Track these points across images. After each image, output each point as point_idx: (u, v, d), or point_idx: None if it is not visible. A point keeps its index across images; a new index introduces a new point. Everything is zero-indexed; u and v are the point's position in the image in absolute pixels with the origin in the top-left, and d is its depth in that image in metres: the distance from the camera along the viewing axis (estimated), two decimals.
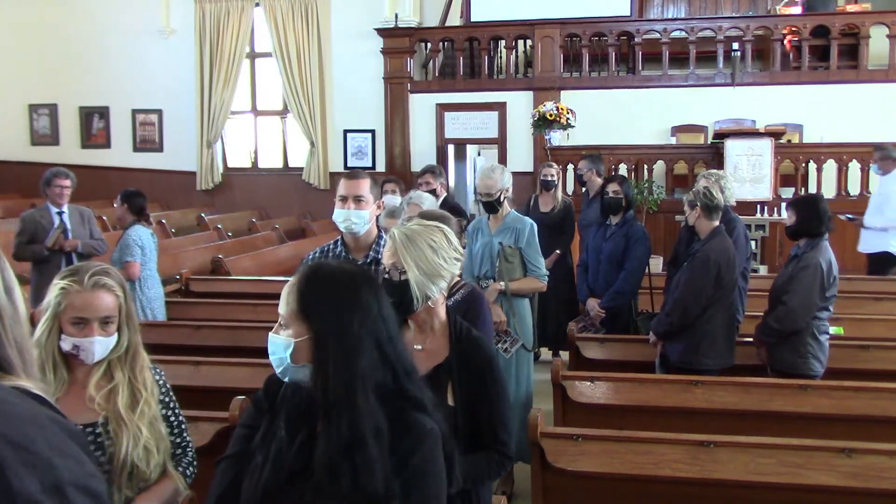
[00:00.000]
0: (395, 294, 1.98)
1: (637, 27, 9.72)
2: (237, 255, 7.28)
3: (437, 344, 2.09)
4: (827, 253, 3.87)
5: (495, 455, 2.02)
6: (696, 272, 3.93)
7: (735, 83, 9.23)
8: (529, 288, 3.98)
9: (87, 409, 1.95)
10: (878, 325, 4.68)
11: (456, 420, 1.97)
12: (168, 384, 2.17)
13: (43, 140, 11.63)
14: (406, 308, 2.03)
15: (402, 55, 10.21)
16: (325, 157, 10.69)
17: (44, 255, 5.17)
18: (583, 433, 2.86)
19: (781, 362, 3.87)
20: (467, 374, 2.01)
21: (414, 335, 2.12)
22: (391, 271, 2.05)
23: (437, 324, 2.10)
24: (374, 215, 2.94)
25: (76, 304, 1.92)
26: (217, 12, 10.78)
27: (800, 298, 3.77)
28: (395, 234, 2.06)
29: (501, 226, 4.00)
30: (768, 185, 7.88)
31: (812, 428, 3.16)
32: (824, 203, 3.97)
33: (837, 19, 9.24)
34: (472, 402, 1.99)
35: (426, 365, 2.03)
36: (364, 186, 2.88)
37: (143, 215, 5.27)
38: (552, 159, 8.77)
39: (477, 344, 2.07)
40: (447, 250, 2.09)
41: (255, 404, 1.63)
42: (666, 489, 2.72)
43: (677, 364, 3.97)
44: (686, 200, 4.16)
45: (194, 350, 4.23)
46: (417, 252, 2.03)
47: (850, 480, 2.59)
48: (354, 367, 1.42)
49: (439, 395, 1.98)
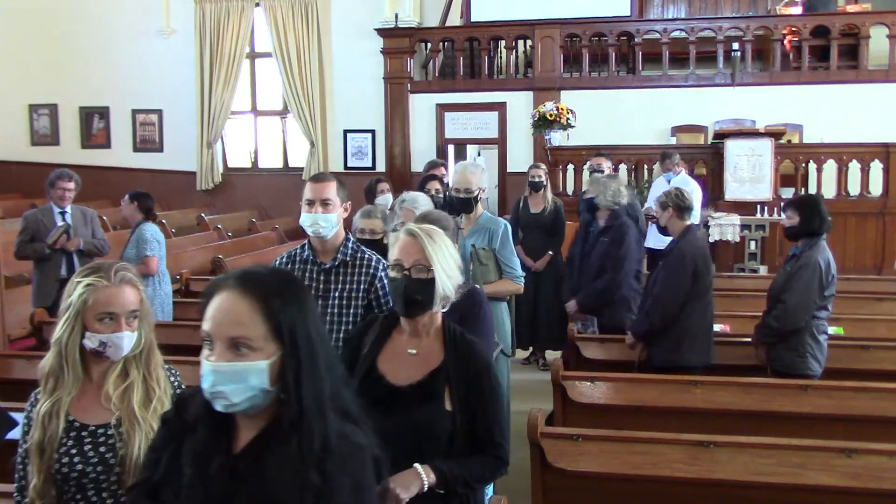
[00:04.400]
0: (419, 292, 1.98)
1: (637, 27, 9.72)
2: (237, 255, 7.29)
3: (432, 348, 2.06)
4: (825, 252, 3.90)
5: (491, 458, 2.00)
6: (673, 270, 3.96)
7: (735, 83, 9.22)
8: (505, 290, 3.84)
9: (102, 410, 1.94)
10: (879, 325, 4.68)
11: (454, 424, 1.96)
12: (183, 385, 2.13)
13: (43, 140, 11.63)
14: (423, 307, 2.02)
15: (402, 55, 10.20)
16: (325, 157, 10.68)
17: (45, 253, 5.18)
18: (583, 433, 2.86)
19: (780, 362, 3.87)
20: (464, 379, 1.98)
21: (407, 338, 2.08)
22: (412, 269, 2.01)
23: (433, 328, 2.08)
24: (342, 218, 2.89)
25: (105, 299, 1.90)
26: (217, 12, 10.78)
27: (799, 297, 3.77)
28: (418, 232, 2.03)
29: (474, 227, 3.90)
30: (768, 186, 7.88)
31: (812, 428, 3.16)
32: (823, 203, 4.02)
33: (837, 19, 9.23)
34: (469, 406, 1.97)
35: (420, 370, 2.01)
36: (330, 189, 2.83)
37: (151, 215, 5.34)
38: (552, 159, 8.79)
39: (472, 348, 2.05)
40: (457, 256, 2.09)
41: (166, 424, 1.50)
42: (666, 489, 2.72)
43: (662, 365, 3.97)
44: (658, 202, 4.19)
45: (194, 350, 4.21)
46: (440, 251, 2.02)
47: (850, 480, 2.59)
48: (321, 375, 1.34)
49: (436, 400, 1.97)
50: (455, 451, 1.96)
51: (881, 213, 8.16)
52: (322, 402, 1.33)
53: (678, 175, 6.89)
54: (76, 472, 1.88)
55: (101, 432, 1.92)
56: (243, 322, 1.30)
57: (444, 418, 1.96)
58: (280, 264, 2.91)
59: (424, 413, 1.96)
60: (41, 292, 5.19)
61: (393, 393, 2.00)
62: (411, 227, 2.06)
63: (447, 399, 1.97)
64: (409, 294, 2.00)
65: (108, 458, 1.90)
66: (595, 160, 6.25)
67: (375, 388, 1.99)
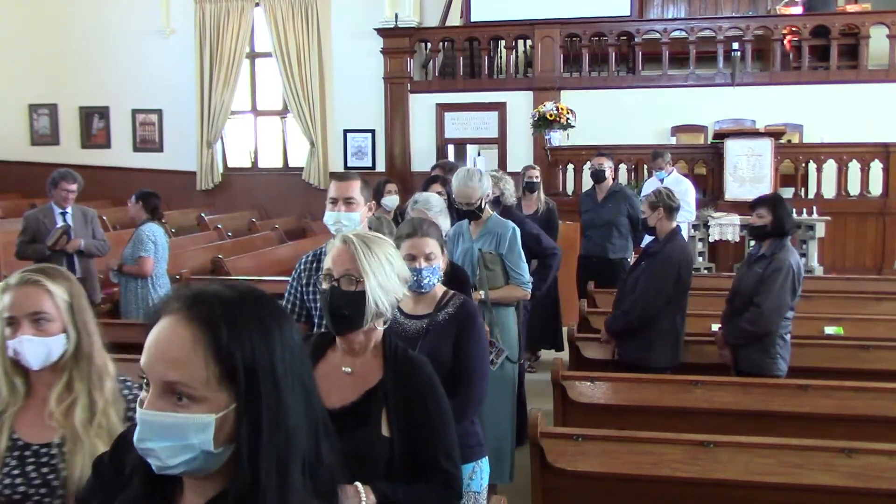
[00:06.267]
0: (345, 306, 1.78)
1: (637, 27, 9.72)
2: (237, 255, 7.29)
3: (369, 366, 1.84)
4: (795, 254, 3.92)
5: (440, 487, 1.76)
6: (658, 272, 3.95)
7: (735, 83, 9.22)
8: (511, 297, 3.76)
9: (45, 427, 1.78)
10: (879, 325, 4.68)
11: (392, 452, 1.73)
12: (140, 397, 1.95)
13: (43, 140, 11.62)
14: (352, 324, 1.80)
15: (402, 55, 10.20)
16: (325, 157, 10.68)
17: (45, 254, 5.17)
18: (583, 433, 2.86)
19: (749, 363, 3.85)
20: (404, 399, 1.77)
21: (342, 356, 1.87)
22: (341, 279, 1.80)
23: (372, 345, 1.86)
24: (366, 217, 2.88)
25: (5, 302, 1.78)
26: (217, 12, 10.78)
27: (773, 300, 3.75)
28: (352, 239, 1.83)
29: (482, 230, 3.81)
30: (768, 186, 7.88)
31: (812, 428, 3.16)
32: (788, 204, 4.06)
33: (837, 19, 9.24)
34: (411, 430, 1.74)
35: (355, 390, 1.80)
36: (354, 188, 2.81)
37: (157, 215, 5.31)
38: (552, 159, 8.80)
39: (414, 364, 1.84)
40: (400, 269, 1.88)
41: (97, 471, 1.30)
42: (666, 489, 2.72)
43: (629, 362, 3.98)
44: (647, 202, 4.16)
45: None
46: (376, 262, 1.81)
47: (850, 480, 2.59)
48: (287, 432, 1.01)
49: (371, 423, 1.75)
50: (396, 480, 1.73)
51: (881, 213, 8.17)
52: (286, 470, 1.01)
53: (670, 174, 6.88)
54: (19, 493, 1.74)
55: (45, 452, 1.78)
56: (182, 362, 0.98)
57: (380, 444, 1.73)
58: (307, 262, 2.80)
59: (358, 439, 1.72)
60: None
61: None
62: (346, 234, 1.88)
63: (384, 422, 1.75)
64: (335, 308, 1.80)
65: (50, 480, 1.76)
66: (597, 160, 6.24)
67: None
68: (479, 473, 2.52)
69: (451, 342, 2.40)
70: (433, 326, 2.44)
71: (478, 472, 2.51)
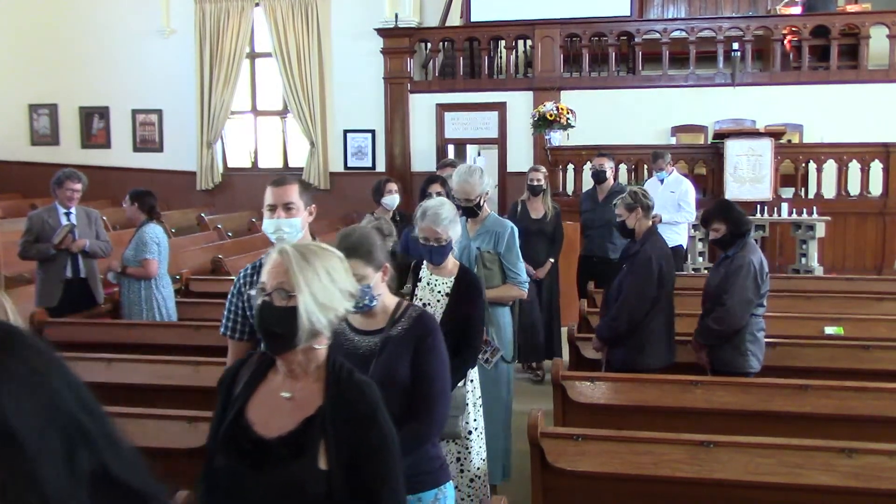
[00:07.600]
0: (275, 323, 1.62)
1: (637, 27, 9.72)
2: (237, 255, 7.29)
3: (310, 390, 1.67)
4: (757, 251, 3.93)
5: None
6: (639, 273, 3.93)
7: (735, 83, 9.23)
8: (508, 296, 3.75)
9: None
10: (880, 325, 4.68)
11: (330, 486, 1.58)
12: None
13: (43, 140, 11.63)
14: (285, 343, 1.64)
15: (402, 55, 10.21)
16: (325, 158, 10.69)
17: (50, 253, 5.16)
18: (583, 433, 2.86)
19: (720, 362, 3.87)
20: (345, 427, 1.61)
21: (282, 379, 1.71)
22: (273, 293, 1.64)
23: (313, 367, 1.70)
24: (307, 222, 2.67)
25: None
26: (217, 12, 10.78)
27: (738, 297, 3.77)
28: (287, 250, 1.67)
29: (480, 229, 3.79)
30: (768, 186, 7.88)
31: (812, 428, 3.16)
32: (735, 204, 4.08)
33: (837, 19, 9.24)
34: (351, 462, 1.60)
35: (294, 417, 1.64)
36: (293, 192, 2.61)
37: (155, 213, 5.29)
38: (552, 159, 8.79)
39: (360, 390, 1.66)
40: (344, 282, 1.70)
41: None
42: (666, 489, 2.72)
43: (620, 367, 3.96)
44: (623, 205, 4.07)
45: (194, 350, 4.23)
46: (313, 275, 1.64)
47: (850, 480, 2.59)
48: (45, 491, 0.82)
49: (308, 454, 1.60)
50: None
51: (881, 213, 8.17)
52: None
53: (670, 174, 6.87)
54: None
55: None
56: None
57: (316, 478, 1.58)
58: (246, 275, 2.57)
59: (293, 472, 1.60)
60: (45, 293, 5.18)
61: (260, 445, 1.63)
62: (283, 246, 1.71)
63: (322, 454, 1.60)
64: (266, 325, 1.65)
65: None
66: (598, 160, 6.22)
67: (241, 440, 1.65)
68: (443, 500, 2.29)
69: (408, 360, 2.18)
70: (387, 343, 2.22)
71: (441, 499, 2.28)
